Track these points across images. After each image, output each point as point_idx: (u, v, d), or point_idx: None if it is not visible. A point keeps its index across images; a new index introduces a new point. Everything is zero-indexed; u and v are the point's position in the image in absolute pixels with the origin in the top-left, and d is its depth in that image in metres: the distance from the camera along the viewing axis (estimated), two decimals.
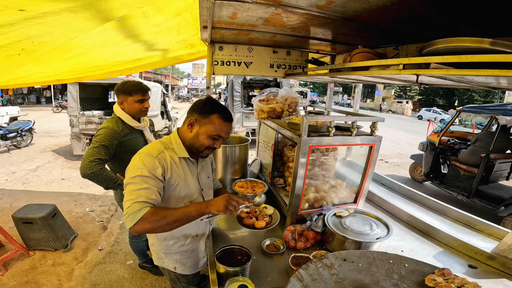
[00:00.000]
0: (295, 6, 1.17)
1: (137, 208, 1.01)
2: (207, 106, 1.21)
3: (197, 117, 1.21)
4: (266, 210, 1.44)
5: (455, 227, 1.65)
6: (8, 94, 18.36)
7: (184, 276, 1.45)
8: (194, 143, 1.22)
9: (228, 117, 1.22)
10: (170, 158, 1.20)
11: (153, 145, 1.23)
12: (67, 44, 1.96)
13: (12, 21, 1.30)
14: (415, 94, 33.61)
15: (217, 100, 1.26)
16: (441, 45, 0.86)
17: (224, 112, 1.21)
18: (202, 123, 1.20)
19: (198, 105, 1.22)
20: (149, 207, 1.03)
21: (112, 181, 1.81)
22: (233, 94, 7.49)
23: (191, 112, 1.23)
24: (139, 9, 1.59)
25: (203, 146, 1.22)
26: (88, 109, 6.67)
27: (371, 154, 1.57)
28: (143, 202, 1.03)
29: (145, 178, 1.09)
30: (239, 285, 1.01)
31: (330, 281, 0.96)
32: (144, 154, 1.15)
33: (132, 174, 1.10)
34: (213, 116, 1.19)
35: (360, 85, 2.62)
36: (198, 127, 1.21)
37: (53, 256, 2.82)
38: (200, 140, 1.21)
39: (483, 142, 4.49)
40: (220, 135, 1.21)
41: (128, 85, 1.91)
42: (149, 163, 1.12)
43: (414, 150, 6.95)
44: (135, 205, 1.02)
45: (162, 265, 1.43)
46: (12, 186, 4.70)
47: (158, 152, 1.18)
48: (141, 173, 1.09)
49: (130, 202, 1.03)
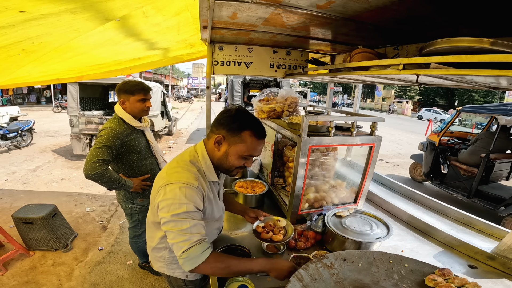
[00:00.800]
0: (295, 6, 1.17)
1: (200, 251, 0.96)
2: (237, 121, 1.04)
3: (225, 134, 1.05)
4: (279, 223, 1.45)
5: (455, 227, 1.65)
6: (8, 94, 18.36)
7: (192, 282, 1.39)
8: (223, 164, 1.10)
9: (262, 134, 1.07)
10: (204, 184, 1.10)
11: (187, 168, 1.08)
12: (67, 44, 1.96)
13: (12, 22, 1.30)
14: (415, 94, 33.62)
15: (247, 112, 1.09)
16: (441, 45, 0.86)
17: (257, 128, 1.05)
18: (232, 142, 1.05)
19: (225, 119, 1.05)
20: (210, 250, 0.99)
21: (116, 182, 1.81)
22: (233, 94, 7.49)
23: (217, 127, 1.07)
24: (139, 9, 1.59)
25: (233, 167, 1.10)
26: (88, 109, 6.67)
27: (371, 154, 1.57)
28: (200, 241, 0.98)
29: (192, 213, 1.00)
30: (239, 285, 1.01)
31: (330, 281, 0.96)
32: (184, 184, 1.01)
33: (175, 211, 0.98)
34: (245, 134, 1.03)
35: (360, 85, 2.62)
36: (227, 146, 1.06)
37: (53, 256, 2.82)
38: (230, 161, 1.08)
39: (483, 142, 4.49)
40: (252, 155, 1.08)
41: (130, 85, 1.91)
42: (192, 196, 1.01)
43: (414, 150, 6.95)
44: (196, 248, 0.96)
45: (172, 274, 1.35)
46: (12, 186, 4.70)
47: (196, 179, 1.05)
48: (187, 209, 0.98)
49: (186, 243, 0.96)
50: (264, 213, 1.46)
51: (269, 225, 1.43)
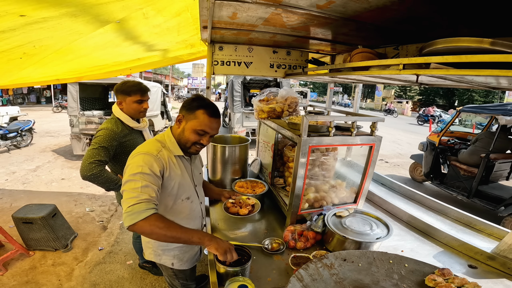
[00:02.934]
0: (295, 6, 1.17)
1: (143, 208, 1.02)
2: (194, 102, 1.24)
3: (184, 113, 1.25)
4: (248, 201, 1.65)
5: (455, 227, 1.65)
6: (8, 94, 18.35)
7: (181, 272, 1.47)
8: (181, 138, 1.26)
9: (214, 113, 1.24)
10: (168, 157, 1.23)
11: (151, 144, 1.25)
12: (68, 46, 1.96)
13: (13, 26, 1.30)
14: (415, 94, 33.60)
15: (205, 98, 1.29)
16: (441, 45, 0.86)
17: (209, 108, 1.23)
18: (188, 119, 1.23)
19: (186, 102, 1.27)
20: (154, 210, 1.05)
21: (113, 182, 1.80)
22: (233, 94, 7.48)
23: (180, 109, 1.28)
24: (139, 11, 1.59)
25: (189, 142, 1.25)
26: (88, 109, 6.67)
27: (371, 154, 1.57)
28: (147, 201, 1.05)
29: (146, 175, 1.10)
30: (239, 285, 1.01)
31: (330, 281, 0.96)
32: (144, 153, 1.17)
33: (132, 171, 1.11)
34: (199, 112, 1.21)
35: (360, 85, 2.62)
36: (185, 123, 1.25)
37: (53, 256, 2.82)
38: (186, 135, 1.24)
39: (483, 142, 4.48)
40: (205, 130, 1.23)
41: (127, 85, 1.90)
42: (149, 162, 1.14)
43: (414, 150, 6.95)
44: (141, 204, 1.03)
45: (159, 261, 1.44)
46: (12, 186, 4.70)
47: (158, 151, 1.20)
48: (142, 170, 1.10)
49: (133, 200, 1.04)
50: (237, 193, 1.72)
51: (239, 202, 1.64)
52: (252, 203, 1.64)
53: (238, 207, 1.57)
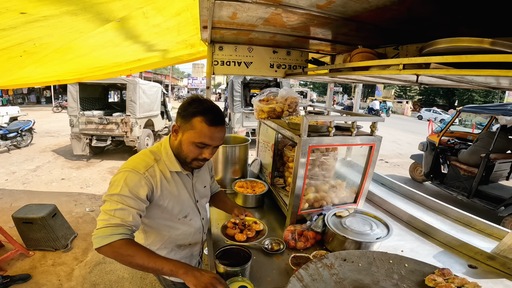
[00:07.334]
0: (295, 6, 1.17)
1: (108, 233, 0.91)
2: (189, 107, 1.02)
3: (180, 123, 1.04)
4: (255, 226, 1.37)
5: (455, 227, 1.65)
6: (8, 94, 18.36)
7: (180, 282, 1.36)
8: (179, 152, 1.07)
9: (215, 120, 1.01)
10: (160, 174, 1.06)
11: (141, 158, 1.07)
12: (68, 45, 1.96)
13: (13, 24, 1.30)
14: (415, 94, 33.62)
15: (205, 99, 1.05)
16: (441, 45, 0.86)
17: (209, 114, 1.00)
18: (185, 129, 1.02)
19: (181, 107, 1.04)
20: (121, 236, 0.92)
21: None
22: (233, 94, 7.49)
23: (176, 117, 1.07)
24: (139, 10, 1.59)
25: (189, 157, 1.06)
26: (88, 109, 6.68)
27: (371, 154, 1.57)
28: (116, 225, 0.93)
29: (124, 198, 0.96)
30: (239, 285, 1.01)
31: (330, 281, 0.96)
32: (129, 170, 1.01)
33: (111, 191, 0.98)
34: (195, 120, 0.99)
35: (360, 85, 2.62)
36: (181, 134, 1.04)
37: (53, 256, 2.82)
38: (184, 150, 1.04)
39: (483, 142, 4.49)
40: (204, 143, 1.02)
41: None
42: (132, 182, 0.98)
43: (414, 150, 6.95)
44: (107, 229, 0.92)
45: None
46: (12, 186, 4.70)
47: (146, 167, 1.03)
48: (120, 191, 0.96)
49: (102, 222, 0.94)
50: (248, 213, 1.39)
51: (243, 224, 1.37)
52: (258, 228, 1.37)
53: (238, 230, 1.34)
